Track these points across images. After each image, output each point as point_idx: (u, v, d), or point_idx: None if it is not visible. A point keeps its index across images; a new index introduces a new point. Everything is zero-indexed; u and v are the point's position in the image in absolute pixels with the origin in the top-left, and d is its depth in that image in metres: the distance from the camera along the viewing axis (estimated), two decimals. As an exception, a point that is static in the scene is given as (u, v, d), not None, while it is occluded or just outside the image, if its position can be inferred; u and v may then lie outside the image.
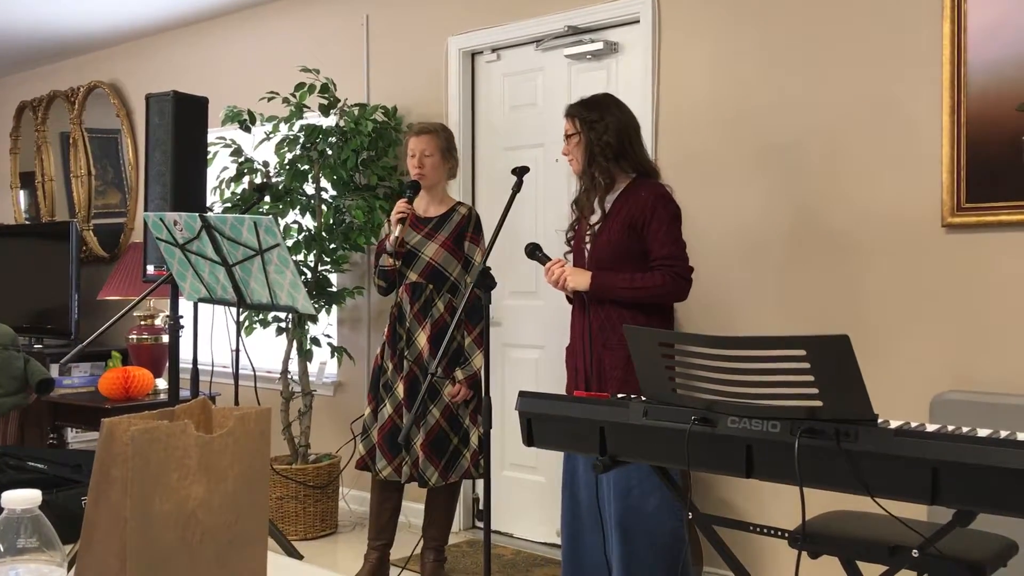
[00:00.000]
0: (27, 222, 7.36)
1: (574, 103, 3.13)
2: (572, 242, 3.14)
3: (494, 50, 4.49)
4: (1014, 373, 3.04)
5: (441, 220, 3.68)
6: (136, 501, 1.05)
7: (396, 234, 3.54)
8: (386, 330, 3.74)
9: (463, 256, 3.67)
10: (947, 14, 3.12)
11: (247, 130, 4.72)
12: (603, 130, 3.01)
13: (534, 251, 3.05)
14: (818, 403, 1.79)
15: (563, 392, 3.06)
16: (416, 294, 3.63)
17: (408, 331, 3.64)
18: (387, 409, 3.65)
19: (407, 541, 4.22)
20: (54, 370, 5.39)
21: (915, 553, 1.91)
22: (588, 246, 3.04)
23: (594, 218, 3.05)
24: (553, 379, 4.19)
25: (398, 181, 4.64)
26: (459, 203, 3.75)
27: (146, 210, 3.94)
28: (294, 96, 4.61)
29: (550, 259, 3.04)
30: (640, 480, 2.87)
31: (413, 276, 3.64)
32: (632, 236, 2.95)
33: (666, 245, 2.93)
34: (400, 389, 3.62)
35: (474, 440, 3.67)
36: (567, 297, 3.13)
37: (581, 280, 2.96)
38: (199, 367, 3.89)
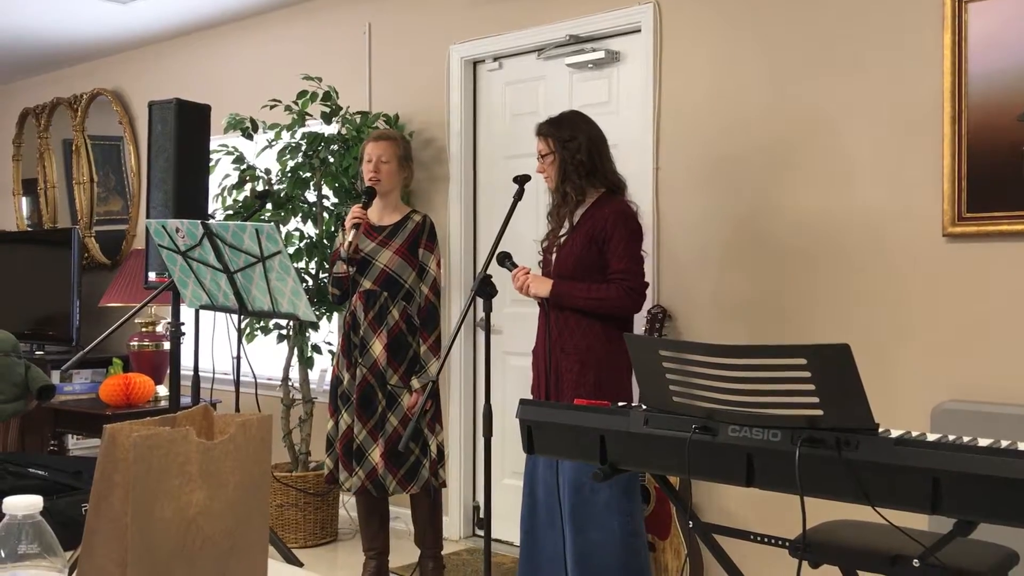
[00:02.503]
0: (29, 229, 7.37)
1: (544, 122, 3.26)
2: (544, 252, 3.29)
3: (496, 59, 4.50)
4: (1015, 383, 3.04)
5: (395, 228, 3.67)
6: (137, 507, 1.05)
7: (350, 239, 3.53)
8: (340, 340, 3.73)
9: (417, 263, 3.66)
10: (948, 24, 3.13)
11: (249, 138, 4.73)
12: (576, 148, 3.15)
13: (504, 260, 3.18)
14: (819, 412, 1.79)
15: (539, 397, 3.16)
16: (370, 302, 3.62)
17: (362, 339, 3.61)
18: (345, 419, 3.64)
19: (409, 549, 4.21)
20: (55, 376, 5.39)
21: (916, 563, 1.91)
22: (553, 256, 3.20)
23: (562, 230, 3.19)
24: (554, 387, 4.19)
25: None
26: (413, 211, 3.75)
27: (148, 217, 3.94)
28: (296, 104, 4.62)
29: (517, 266, 3.18)
30: (590, 475, 2.95)
31: (367, 284, 3.63)
32: (593, 249, 3.11)
33: (624, 260, 3.08)
34: (355, 398, 3.61)
35: (433, 449, 3.65)
36: (538, 303, 3.27)
37: (542, 288, 3.13)
38: (200, 374, 3.89)
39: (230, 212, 4.62)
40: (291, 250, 4.52)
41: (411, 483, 3.60)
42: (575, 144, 3.14)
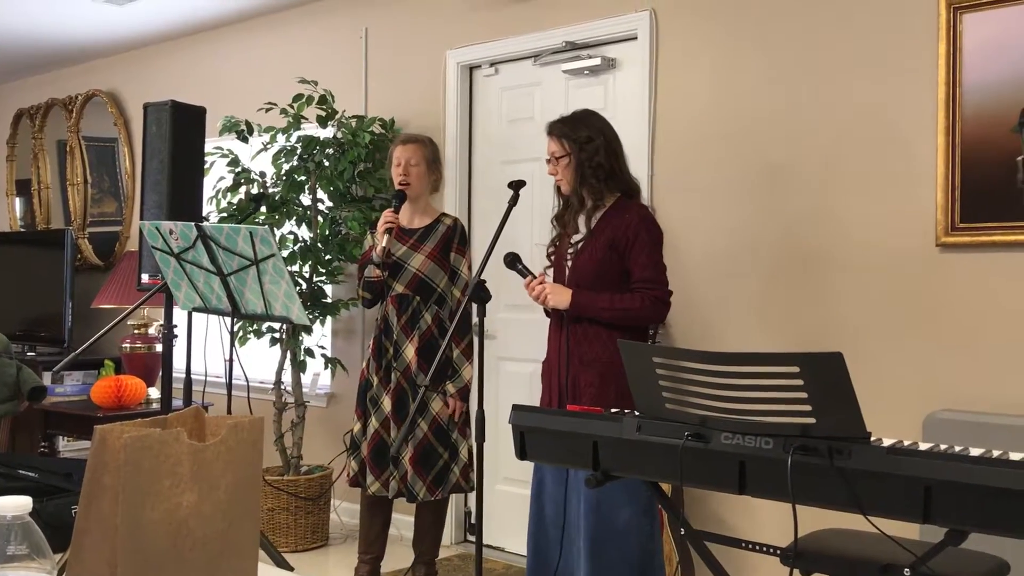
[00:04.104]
0: (22, 229, 7.35)
1: (558, 121, 3.06)
2: (552, 258, 3.13)
3: (492, 64, 4.51)
4: (1007, 392, 3.04)
5: (427, 231, 3.66)
6: (127, 508, 1.05)
7: (383, 244, 3.52)
8: (371, 343, 3.73)
9: (449, 267, 3.65)
10: (943, 34, 3.14)
11: (244, 140, 4.72)
12: (594, 151, 2.97)
13: (514, 262, 3.02)
14: (811, 420, 1.79)
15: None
16: (403, 306, 3.61)
17: (395, 344, 3.61)
18: (373, 423, 3.63)
19: (399, 554, 4.20)
20: (47, 378, 5.36)
21: (907, 572, 1.91)
22: (569, 263, 3.03)
23: (576, 236, 3.03)
24: (547, 393, 4.18)
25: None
26: (444, 214, 3.74)
27: (142, 219, 3.93)
28: (292, 107, 4.62)
29: (531, 272, 3.03)
30: (610, 494, 2.84)
31: (399, 288, 3.62)
32: (614, 256, 2.94)
33: (647, 268, 2.93)
34: (387, 403, 3.59)
35: (463, 454, 3.64)
36: (545, 311, 3.12)
37: (562, 298, 2.95)
38: (192, 377, 3.88)
39: (224, 215, 4.61)
40: (285, 253, 4.52)
41: (439, 487, 3.59)
42: (593, 146, 2.96)
